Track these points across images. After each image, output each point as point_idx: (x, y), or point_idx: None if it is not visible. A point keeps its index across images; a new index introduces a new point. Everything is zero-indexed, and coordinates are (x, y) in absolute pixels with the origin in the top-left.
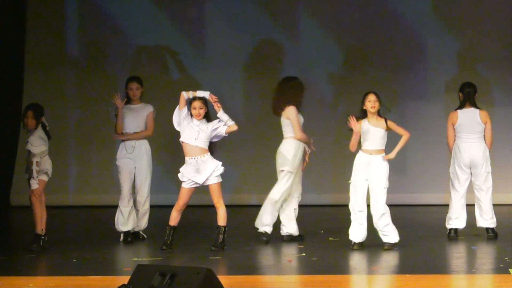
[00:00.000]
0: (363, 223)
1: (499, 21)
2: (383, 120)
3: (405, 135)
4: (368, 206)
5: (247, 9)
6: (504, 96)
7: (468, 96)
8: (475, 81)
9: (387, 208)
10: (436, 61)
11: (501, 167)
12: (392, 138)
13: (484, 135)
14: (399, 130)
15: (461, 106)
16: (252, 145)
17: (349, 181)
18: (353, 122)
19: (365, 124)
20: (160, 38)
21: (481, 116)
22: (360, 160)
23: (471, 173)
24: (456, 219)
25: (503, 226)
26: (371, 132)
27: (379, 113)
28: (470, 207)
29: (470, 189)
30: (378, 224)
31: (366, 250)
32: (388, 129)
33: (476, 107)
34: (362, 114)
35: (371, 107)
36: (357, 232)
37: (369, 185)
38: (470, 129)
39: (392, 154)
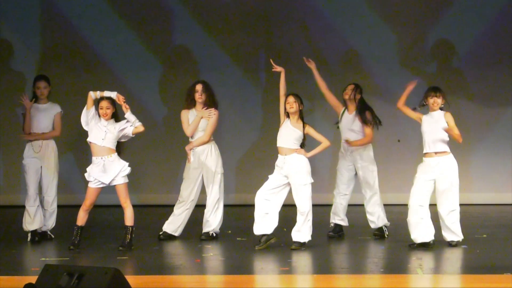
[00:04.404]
0: (268, 213)
1: (385, 25)
2: (302, 124)
3: (324, 143)
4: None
5: (160, 8)
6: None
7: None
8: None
9: (306, 206)
10: (334, 61)
11: (388, 167)
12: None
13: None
14: (318, 136)
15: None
16: (162, 146)
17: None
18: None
19: (286, 123)
20: (68, 37)
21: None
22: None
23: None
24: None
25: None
26: (289, 131)
27: (301, 116)
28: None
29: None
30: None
31: (274, 250)
32: (306, 134)
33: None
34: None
35: (289, 108)
36: (260, 221)
37: (290, 183)
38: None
39: (308, 153)
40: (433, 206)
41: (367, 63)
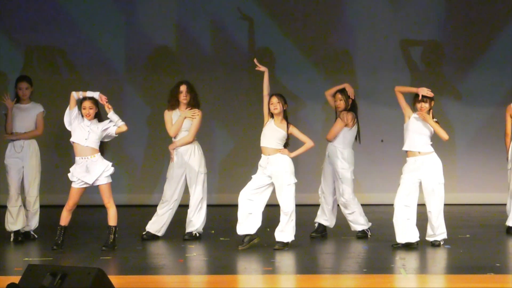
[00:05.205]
0: (251, 213)
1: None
2: (285, 124)
3: (308, 143)
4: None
5: (143, 10)
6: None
7: None
8: None
9: (290, 206)
10: (319, 62)
11: (371, 167)
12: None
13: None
14: (301, 137)
15: None
16: (145, 146)
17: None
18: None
19: (270, 123)
20: (50, 38)
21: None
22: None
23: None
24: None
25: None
26: (273, 131)
27: (286, 116)
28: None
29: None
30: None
31: (257, 250)
32: (289, 134)
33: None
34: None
35: (273, 109)
36: (243, 222)
37: (273, 183)
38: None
39: (291, 154)
40: (420, 206)
41: (351, 64)
